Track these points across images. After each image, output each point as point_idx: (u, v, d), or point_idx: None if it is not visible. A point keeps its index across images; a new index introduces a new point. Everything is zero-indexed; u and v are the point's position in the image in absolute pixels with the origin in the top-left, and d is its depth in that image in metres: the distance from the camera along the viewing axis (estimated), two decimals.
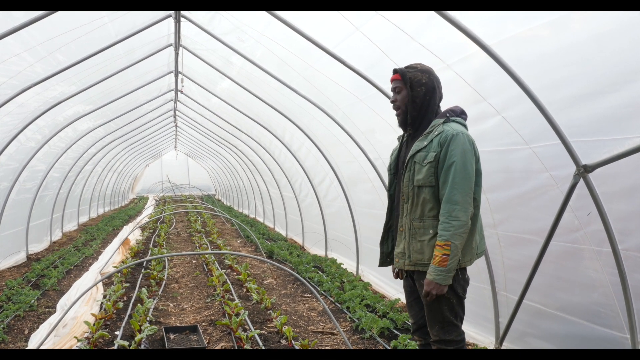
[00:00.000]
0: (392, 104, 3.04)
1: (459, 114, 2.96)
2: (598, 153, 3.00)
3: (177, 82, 9.22)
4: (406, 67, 2.99)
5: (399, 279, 3.25)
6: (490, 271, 4.38)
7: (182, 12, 5.81)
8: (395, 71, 2.99)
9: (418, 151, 2.88)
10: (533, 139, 3.48)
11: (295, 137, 8.68)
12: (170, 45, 7.00)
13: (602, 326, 3.44)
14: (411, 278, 3.06)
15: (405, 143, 3.11)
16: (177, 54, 7.45)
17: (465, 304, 4.85)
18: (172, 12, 5.79)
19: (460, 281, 2.90)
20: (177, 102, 11.33)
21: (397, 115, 3.04)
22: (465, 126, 2.92)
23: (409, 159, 2.92)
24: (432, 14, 3.38)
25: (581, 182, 3.15)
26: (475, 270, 4.60)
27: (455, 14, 3.19)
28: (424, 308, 2.97)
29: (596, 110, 2.95)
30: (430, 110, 2.94)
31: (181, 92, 9.44)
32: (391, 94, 3.04)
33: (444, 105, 3.04)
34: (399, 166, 3.11)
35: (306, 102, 6.59)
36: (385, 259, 3.26)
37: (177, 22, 6.11)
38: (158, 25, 5.96)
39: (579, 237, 3.46)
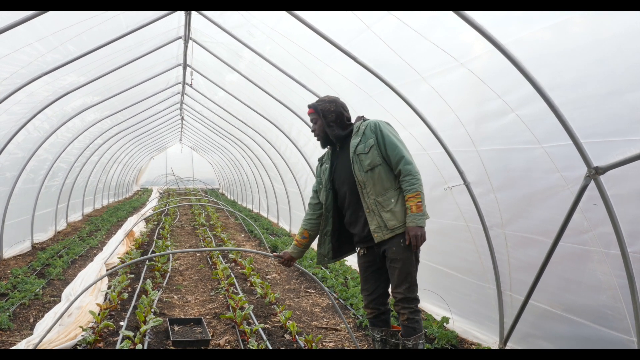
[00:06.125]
0: (312, 133, 3.71)
1: (366, 119, 3.63)
2: (610, 155, 2.99)
3: (185, 75, 9.23)
4: (316, 102, 3.64)
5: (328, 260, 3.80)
6: (495, 271, 4.37)
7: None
8: (309, 107, 3.65)
9: (357, 145, 3.47)
10: (545, 138, 3.46)
11: (302, 133, 8.67)
12: (180, 37, 7.00)
13: (608, 328, 3.43)
14: (370, 251, 3.55)
15: (334, 156, 3.70)
16: (186, 47, 7.44)
17: (470, 303, 4.87)
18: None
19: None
20: (184, 95, 11.33)
21: (318, 140, 3.70)
22: None
23: (353, 155, 3.47)
24: (443, 12, 3.39)
25: (592, 183, 3.14)
26: (481, 270, 4.60)
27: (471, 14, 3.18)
28: (395, 272, 3.41)
29: (609, 111, 2.93)
30: (345, 126, 3.61)
31: (190, 85, 9.44)
32: (403, 92, 3.20)
33: (456, 105, 3.09)
34: (334, 180, 3.66)
35: (315, 97, 6.57)
36: (322, 259, 3.79)
37: (188, 14, 6.11)
38: (169, 18, 5.96)
39: (587, 239, 3.45)
